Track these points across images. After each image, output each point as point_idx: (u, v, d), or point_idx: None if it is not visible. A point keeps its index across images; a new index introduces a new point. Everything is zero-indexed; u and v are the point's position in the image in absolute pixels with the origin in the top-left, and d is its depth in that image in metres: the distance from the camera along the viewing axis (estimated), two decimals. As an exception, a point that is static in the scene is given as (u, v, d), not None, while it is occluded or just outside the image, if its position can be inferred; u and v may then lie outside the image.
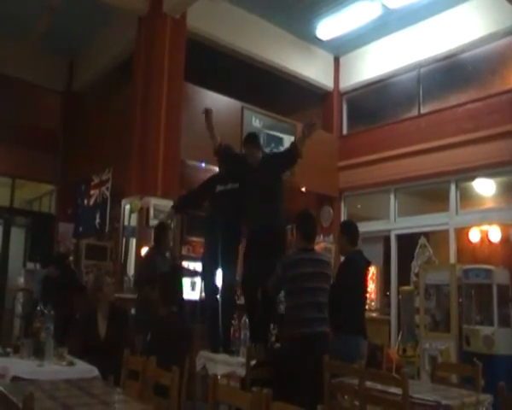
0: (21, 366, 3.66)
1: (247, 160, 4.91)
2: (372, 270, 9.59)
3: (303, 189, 9.33)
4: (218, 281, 5.10)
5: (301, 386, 3.85)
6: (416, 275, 7.40)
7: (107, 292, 4.67)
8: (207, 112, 5.15)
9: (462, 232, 8.32)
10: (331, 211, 9.93)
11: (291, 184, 8.08)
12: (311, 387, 3.82)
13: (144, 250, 6.56)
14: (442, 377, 4.25)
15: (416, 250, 7.80)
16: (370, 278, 9.36)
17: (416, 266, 7.62)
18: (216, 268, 5.02)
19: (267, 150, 8.63)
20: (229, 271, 5.00)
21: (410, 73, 9.20)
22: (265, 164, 4.87)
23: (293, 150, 4.81)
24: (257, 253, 4.72)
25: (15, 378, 3.36)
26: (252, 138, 5.07)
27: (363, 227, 8.78)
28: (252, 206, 4.83)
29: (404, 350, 7.14)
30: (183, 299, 5.62)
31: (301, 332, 4.06)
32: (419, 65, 9.02)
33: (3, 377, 3.39)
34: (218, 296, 5.13)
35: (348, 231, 4.80)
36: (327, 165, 9.75)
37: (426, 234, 8.11)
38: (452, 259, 8.02)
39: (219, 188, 5.03)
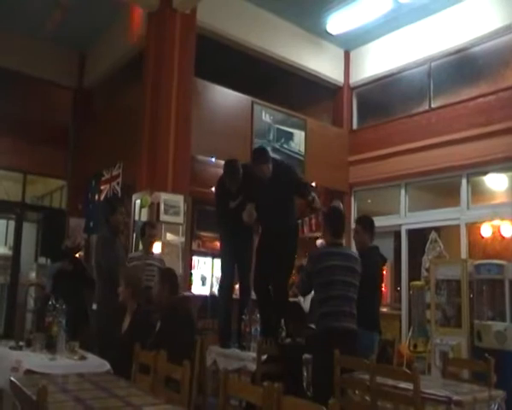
0: (34, 359, 3.69)
1: (258, 175, 4.87)
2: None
3: (313, 184, 9.31)
4: (233, 277, 5.25)
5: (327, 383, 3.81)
6: (427, 270, 7.36)
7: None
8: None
9: (473, 227, 8.25)
10: (341, 206, 9.85)
11: (301, 179, 8.07)
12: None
13: (156, 246, 6.57)
14: (453, 373, 4.24)
15: (427, 245, 7.76)
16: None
17: (426, 261, 7.58)
18: (232, 264, 5.15)
19: (277, 145, 8.66)
20: (245, 269, 5.14)
21: (420, 67, 9.13)
22: (279, 176, 4.85)
23: (304, 192, 4.82)
24: (269, 251, 4.80)
25: (28, 372, 3.39)
26: (259, 156, 4.96)
27: (374, 222, 8.82)
28: (264, 207, 4.88)
29: (415, 345, 7.11)
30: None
31: (330, 326, 4.05)
32: (430, 59, 8.95)
33: (17, 371, 3.42)
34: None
35: (371, 227, 4.89)
36: (337, 160, 9.74)
37: (437, 229, 8.07)
38: (463, 254, 7.97)
39: (232, 204, 5.03)
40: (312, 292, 4.47)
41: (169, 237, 7.28)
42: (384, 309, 9.06)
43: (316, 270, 4.15)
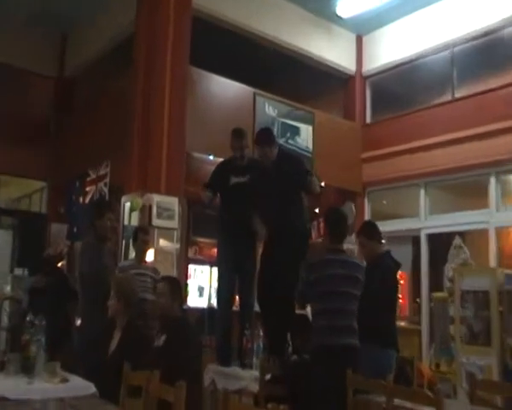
0: (8, 384, 3.58)
1: (262, 161, 4.95)
2: (400, 273, 9.52)
3: (322, 183, 9.26)
4: (234, 287, 5.26)
5: (325, 406, 3.78)
6: (451, 280, 7.30)
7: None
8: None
9: (503, 232, 8.24)
10: (354, 208, 9.85)
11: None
12: (335, 407, 3.74)
13: (149, 252, 6.53)
14: (483, 398, 4.16)
15: (450, 252, 7.71)
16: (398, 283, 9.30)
17: (450, 269, 7.52)
18: (232, 272, 5.16)
19: (282, 141, 8.61)
20: (247, 280, 5.14)
21: (442, 53, 9.11)
22: (284, 163, 4.90)
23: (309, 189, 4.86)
24: (276, 255, 4.79)
25: (2, 399, 3.32)
26: (265, 138, 5.04)
27: (390, 226, 8.90)
28: (270, 203, 4.88)
29: (438, 365, 7.05)
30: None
31: (326, 343, 4.00)
32: (453, 44, 8.92)
33: (-13, 399, 3.34)
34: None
35: (375, 232, 4.90)
36: (349, 157, 9.72)
37: (461, 234, 7.99)
38: (492, 262, 7.92)
39: (234, 180, 5.14)
40: None
41: (162, 243, 7.24)
42: (402, 323, 9.03)
43: (312, 279, 4.12)
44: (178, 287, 4.69)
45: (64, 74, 10.42)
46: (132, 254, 6.27)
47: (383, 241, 5.16)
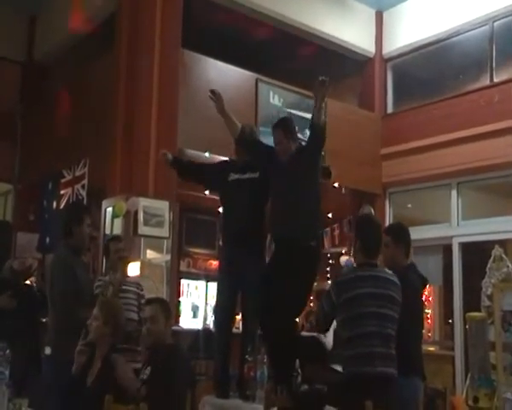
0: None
1: (276, 150, 4.96)
2: (428, 289, 9.49)
3: (336, 184, 9.28)
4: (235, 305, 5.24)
5: None
6: (490, 297, 7.27)
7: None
8: (215, 94, 5.12)
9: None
10: (373, 212, 9.83)
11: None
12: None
13: (134, 266, 6.51)
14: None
15: (489, 264, 7.68)
16: (426, 300, 9.28)
17: (488, 285, 7.49)
18: (234, 288, 5.13)
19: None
20: (252, 300, 5.04)
21: (478, 30, 9.11)
22: (296, 157, 4.89)
23: (314, 128, 4.82)
24: (281, 270, 4.72)
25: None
26: (281, 121, 5.17)
27: (416, 233, 8.65)
28: (278, 209, 4.86)
29: (476, 399, 6.97)
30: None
31: (359, 372, 3.97)
32: (492, 18, 8.90)
33: None
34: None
35: (404, 238, 4.80)
36: (367, 153, 9.73)
37: (502, 243, 7.97)
38: (541, 276, 7.91)
39: (234, 176, 5.16)
40: (334, 323, 4.45)
41: (150, 254, 7.37)
42: (431, 348, 9.04)
43: (342, 300, 4.09)
44: (170, 308, 4.71)
45: (33, 59, 10.47)
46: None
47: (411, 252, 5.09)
